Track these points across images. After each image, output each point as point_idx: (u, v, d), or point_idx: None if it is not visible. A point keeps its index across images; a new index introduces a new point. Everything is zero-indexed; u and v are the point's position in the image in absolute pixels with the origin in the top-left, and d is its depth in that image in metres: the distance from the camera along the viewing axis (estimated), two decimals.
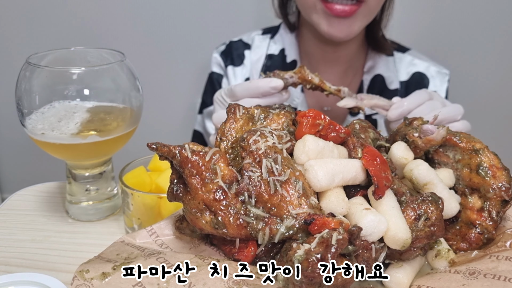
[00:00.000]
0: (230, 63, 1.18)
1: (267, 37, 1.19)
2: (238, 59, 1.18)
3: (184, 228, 0.53)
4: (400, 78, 1.14)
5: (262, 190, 0.47)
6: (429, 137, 0.56)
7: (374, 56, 1.14)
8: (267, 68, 1.15)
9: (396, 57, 1.15)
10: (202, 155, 0.48)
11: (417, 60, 1.16)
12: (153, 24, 1.74)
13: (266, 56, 1.16)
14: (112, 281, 0.45)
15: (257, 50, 1.17)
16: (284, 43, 1.15)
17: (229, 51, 1.19)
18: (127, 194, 0.64)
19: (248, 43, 1.19)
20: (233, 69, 1.17)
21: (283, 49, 1.15)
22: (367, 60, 1.14)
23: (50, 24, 1.74)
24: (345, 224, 0.44)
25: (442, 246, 0.53)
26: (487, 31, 1.72)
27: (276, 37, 1.17)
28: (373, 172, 0.48)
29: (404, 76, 1.15)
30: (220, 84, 1.20)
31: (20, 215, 0.74)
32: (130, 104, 0.70)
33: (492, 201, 0.53)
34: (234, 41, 1.20)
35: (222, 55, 1.19)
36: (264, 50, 1.17)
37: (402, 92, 1.13)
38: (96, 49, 0.74)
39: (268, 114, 0.55)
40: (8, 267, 0.61)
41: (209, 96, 1.21)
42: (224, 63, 1.19)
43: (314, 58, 1.13)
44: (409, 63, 1.15)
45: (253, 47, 1.18)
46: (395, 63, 1.14)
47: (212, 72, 1.22)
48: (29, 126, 0.66)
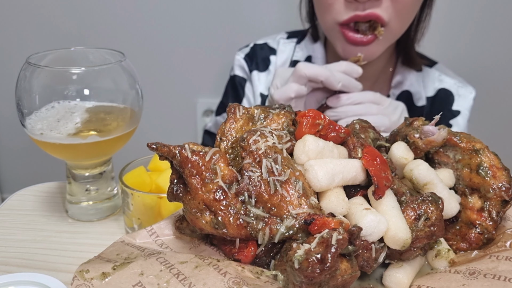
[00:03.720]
0: (255, 68, 1.13)
1: (292, 42, 1.15)
2: (263, 64, 1.13)
3: (184, 228, 0.53)
4: (427, 94, 1.10)
5: (262, 190, 0.47)
6: (430, 138, 0.56)
7: (403, 71, 1.09)
8: None
9: (424, 72, 1.11)
10: (202, 155, 0.48)
11: (444, 76, 1.12)
12: (153, 24, 1.74)
13: (291, 62, 1.12)
14: (112, 281, 0.45)
15: (282, 55, 1.13)
16: (310, 50, 1.11)
17: (253, 55, 1.15)
18: (127, 194, 0.64)
19: (274, 47, 1.15)
20: (258, 74, 1.13)
21: (309, 56, 1.11)
22: (395, 74, 1.09)
23: (50, 24, 1.74)
24: (345, 224, 0.44)
25: (442, 246, 0.53)
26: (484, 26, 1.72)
27: (303, 43, 1.13)
28: (373, 172, 0.48)
29: (430, 92, 1.11)
30: (244, 88, 1.15)
31: (20, 215, 0.74)
32: (130, 104, 0.70)
33: (492, 201, 0.53)
34: (258, 44, 1.16)
35: (247, 58, 1.15)
36: (289, 54, 1.13)
37: (427, 108, 1.10)
38: (96, 49, 0.74)
39: (268, 114, 0.55)
40: (8, 267, 0.61)
41: (229, 99, 1.17)
42: (248, 67, 1.14)
43: None
44: (435, 79, 1.12)
45: (278, 52, 1.14)
46: (423, 79, 1.10)
47: (234, 75, 1.17)
48: (29, 126, 0.66)
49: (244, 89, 1.15)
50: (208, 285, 0.44)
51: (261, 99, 1.12)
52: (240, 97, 1.15)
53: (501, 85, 1.77)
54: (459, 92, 1.11)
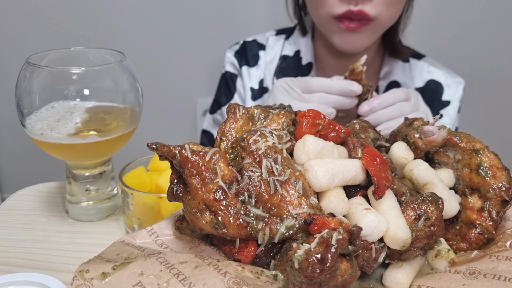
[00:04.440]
0: (244, 63, 1.17)
1: (281, 38, 1.18)
2: (253, 59, 1.17)
3: (184, 228, 0.53)
4: (416, 84, 1.13)
5: (262, 190, 0.47)
6: (430, 138, 0.56)
7: (391, 62, 1.12)
8: (281, 70, 1.14)
9: (411, 64, 1.14)
10: (202, 155, 0.48)
11: (432, 68, 1.15)
12: (153, 24, 1.75)
13: (280, 57, 1.15)
14: (112, 281, 0.45)
15: (271, 51, 1.16)
16: (299, 45, 1.14)
17: (243, 51, 1.18)
18: (127, 194, 0.64)
19: (263, 43, 1.18)
20: (248, 69, 1.16)
21: (298, 51, 1.14)
22: (383, 65, 1.13)
23: (50, 24, 1.74)
24: (345, 224, 0.44)
25: (442, 246, 0.53)
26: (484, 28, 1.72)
27: (291, 38, 1.16)
28: (373, 172, 0.48)
29: (420, 83, 1.14)
30: (235, 83, 1.18)
31: (20, 215, 0.74)
32: (130, 104, 0.70)
33: (492, 201, 0.53)
34: (248, 41, 1.19)
35: (237, 55, 1.18)
36: (278, 50, 1.16)
37: None
38: (96, 49, 0.74)
39: (268, 114, 0.55)
40: (8, 267, 0.61)
41: (222, 96, 1.20)
42: (238, 63, 1.18)
43: (328, 64, 1.12)
44: (424, 70, 1.14)
45: (267, 48, 1.17)
46: (410, 70, 1.13)
47: (225, 72, 1.20)
48: (29, 126, 0.66)
49: (235, 84, 1.18)
50: (208, 285, 0.44)
51: (251, 94, 1.15)
52: (232, 92, 1.19)
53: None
54: (448, 83, 1.14)
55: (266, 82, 1.15)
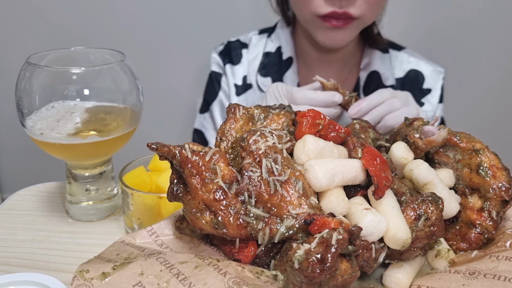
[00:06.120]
0: (228, 62, 1.22)
1: (264, 36, 1.23)
2: (236, 58, 1.22)
3: (184, 228, 0.53)
4: (396, 75, 1.17)
5: (262, 190, 0.47)
6: (430, 139, 0.56)
7: (370, 53, 1.16)
8: (264, 66, 1.18)
9: (391, 55, 1.18)
10: (202, 155, 0.48)
11: (412, 58, 1.18)
12: (153, 24, 1.74)
13: (263, 54, 1.20)
14: (112, 281, 0.45)
15: (254, 49, 1.21)
16: (280, 41, 1.19)
17: (227, 51, 1.23)
18: (127, 194, 0.64)
19: (246, 42, 1.23)
20: (232, 67, 1.21)
21: (279, 47, 1.18)
22: (363, 57, 1.16)
23: (50, 24, 1.74)
24: (345, 224, 0.44)
25: (442, 246, 0.53)
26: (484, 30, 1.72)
27: (273, 36, 1.21)
28: (373, 172, 0.48)
29: (400, 73, 1.17)
30: (219, 82, 1.23)
31: (20, 215, 0.74)
32: (130, 104, 0.70)
33: (492, 201, 0.53)
34: (232, 41, 1.24)
35: (221, 55, 1.23)
36: (261, 48, 1.21)
37: (398, 88, 1.16)
38: (96, 49, 0.74)
39: (268, 114, 0.55)
40: (8, 267, 0.61)
41: (210, 95, 1.25)
42: (222, 62, 1.23)
43: (310, 57, 1.15)
44: (404, 61, 1.18)
45: (250, 46, 1.22)
46: (390, 60, 1.17)
47: (211, 72, 1.25)
48: (29, 126, 0.66)
49: (220, 82, 1.23)
50: (208, 285, 0.44)
51: (236, 90, 1.20)
52: (216, 90, 1.24)
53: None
54: (428, 71, 1.17)
55: (250, 78, 1.19)
